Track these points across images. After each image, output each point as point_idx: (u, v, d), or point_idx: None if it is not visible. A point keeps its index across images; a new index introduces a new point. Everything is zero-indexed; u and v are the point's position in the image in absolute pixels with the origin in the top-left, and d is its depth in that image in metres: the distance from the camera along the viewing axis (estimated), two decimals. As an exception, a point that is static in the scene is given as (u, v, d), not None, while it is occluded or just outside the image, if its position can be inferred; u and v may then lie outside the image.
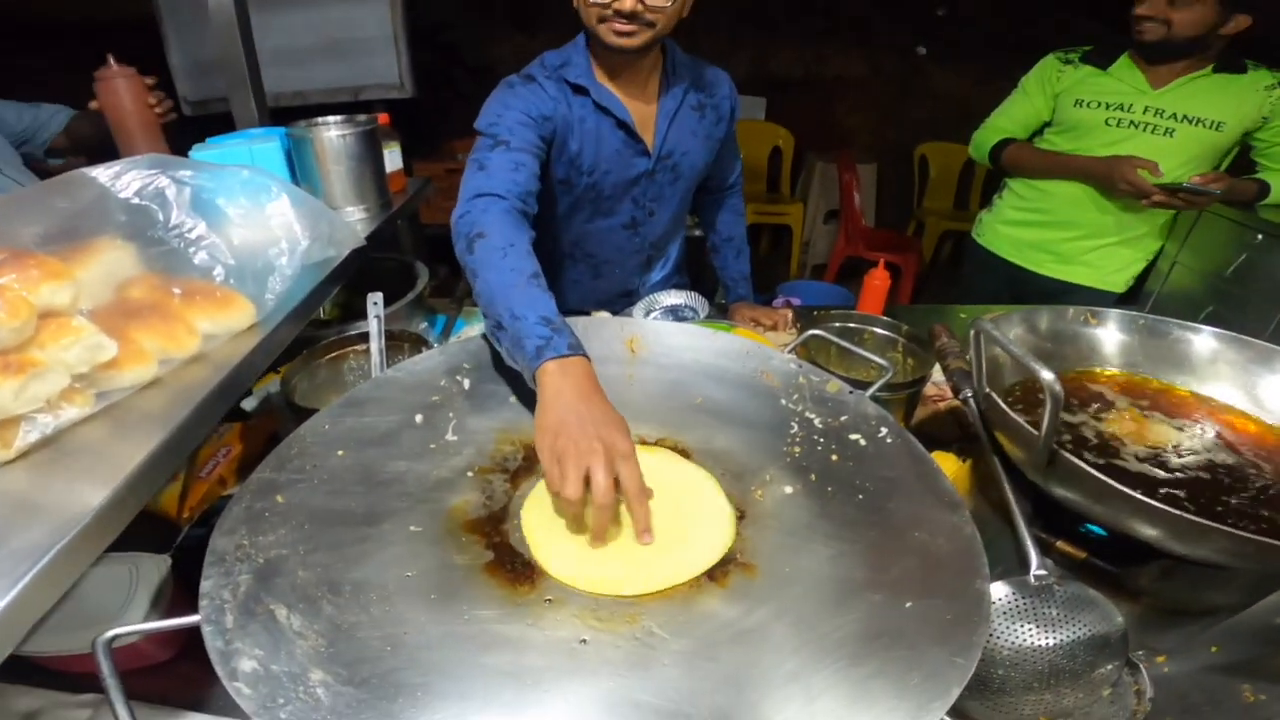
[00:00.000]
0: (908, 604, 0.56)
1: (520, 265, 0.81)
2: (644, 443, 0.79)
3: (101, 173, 0.75)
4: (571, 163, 1.16)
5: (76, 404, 0.60)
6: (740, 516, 0.68)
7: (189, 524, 0.80)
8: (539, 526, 0.66)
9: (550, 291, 0.79)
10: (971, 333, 0.80)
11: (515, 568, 0.61)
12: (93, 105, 1.19)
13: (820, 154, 3.83)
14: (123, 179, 0.75)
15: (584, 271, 1.37)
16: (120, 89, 1.14)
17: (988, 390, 0.78)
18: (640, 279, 1.42)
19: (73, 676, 0.65)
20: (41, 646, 0.61)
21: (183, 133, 1.24)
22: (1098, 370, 0.98)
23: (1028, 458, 0.72)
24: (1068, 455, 0.67)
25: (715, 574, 0.61)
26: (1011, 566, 0.71)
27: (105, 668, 0.46)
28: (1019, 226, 1.75)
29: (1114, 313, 0.99)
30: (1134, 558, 0.75)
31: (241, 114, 1.36)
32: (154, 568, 0.65)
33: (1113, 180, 1.50)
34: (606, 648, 0.53)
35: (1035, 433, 0.68)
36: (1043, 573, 0.68)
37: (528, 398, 0.79)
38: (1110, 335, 0.99)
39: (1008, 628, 0.65)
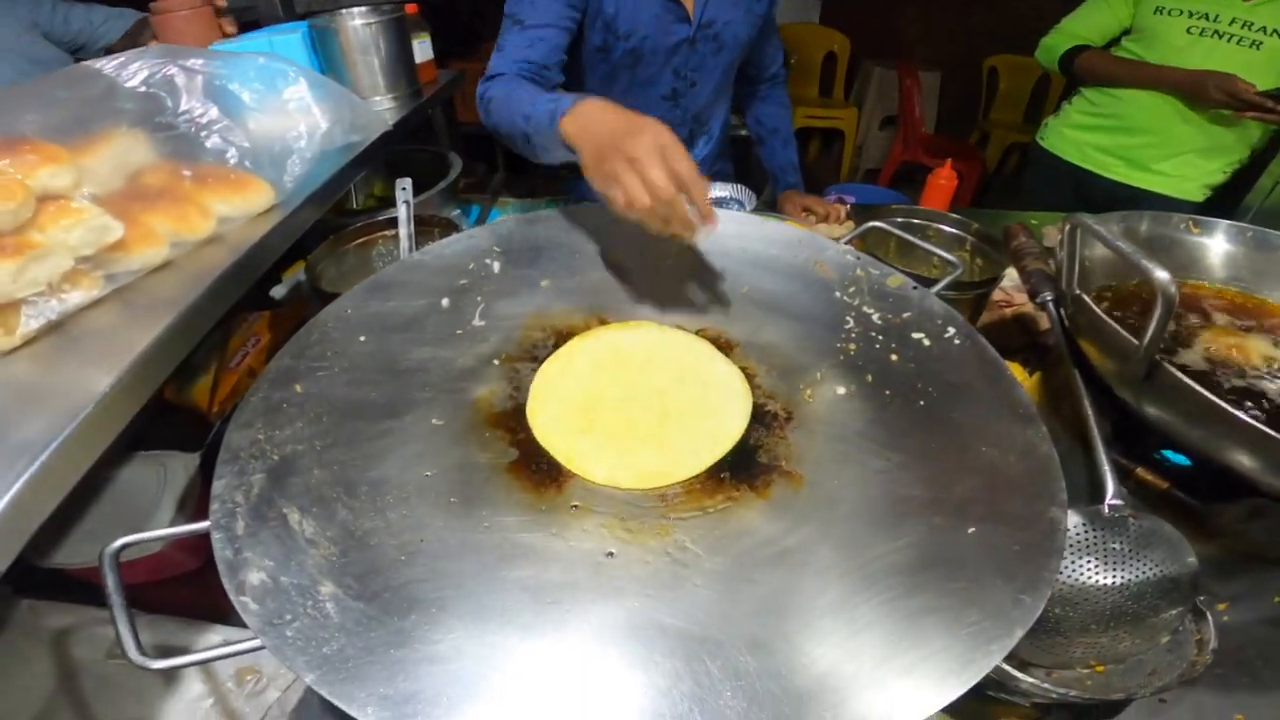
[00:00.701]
0: (970, 529, 0.49)
1: (525, 95, 0.85)
2: (681, 328, 0.72)
3: (106, 64, 0.71)
4: (608, 26, 1.07)
5: (83, 287, 0.57)
6: (787, 419, 0.61)
7: (219, 419, 0.78)
8: (552, 421, 0.60)
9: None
10: (1066, 228, 0.68)
11: (540, 468, 0.56)
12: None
13: (878, 60, 3.53)
14: (129, 69, 0.71)
15: None
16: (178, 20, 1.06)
17: (1078, 292, 0.67)
18: None
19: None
20: (70, 558, 0.60)
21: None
22: (1196, 282, 0.85)
23: (1120, 370, 0.62)
24: (1171, 368, 0.57)
25: (757, 483, 0.55)
26: (1078, 493, 0.63)
27: (110, 581, 0.42)
28: (1088, 131, 1.60)
29: (1220, 222, 0.85)
30: (1220, 493, 0.66)
31: (266, 12, 1.31)
32: (181, 468, 0.64)
33: (1205, 90, 1.34)
34: (634, 563, 0.47)
35: (1135, 341, 0.58)
36: (1118, 502, 0.60)
37: (561, 282, 0.74)
38: (1214, 245, 0.85)
39: (1071, 562, 0.59)
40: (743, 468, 0.56)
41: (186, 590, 0.65)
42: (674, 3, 1.08)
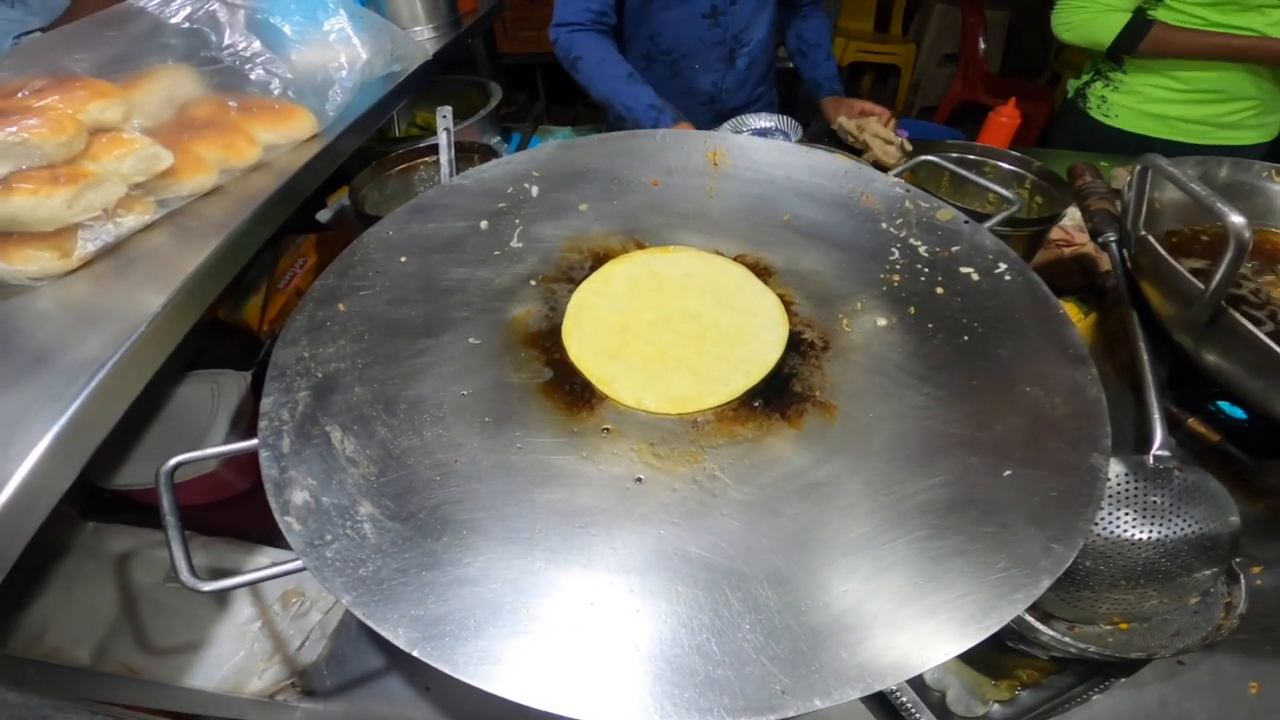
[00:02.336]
0: (1006, 472, 0.45)
1: (617, 71, 1.05)
2: (719, 253, 0.68)
3: (150, 2, 0.71)
4: None
5: (136, 211, 0.57)
6: (824, 348, 0.57)
7: (269, 337, 0.79)
8: (586, 342, 0.58)
9: (646, 84, 1.02)
10: (1137, 168, 0.61)
11: (573, 389, 0.53)
12: None
13: None
14: (172, 5, 0.71)
15: (661, 72, 1.24)
16: None
17: (1143, 233, 0.61)
18: (723, 77, 1.25)
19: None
20: (131, 479, 0.61)
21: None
22: (1274, 231, 0.76)
23: (1182, 314, 0.56)
24: (1237, 316, 0.51)
25: (789, 413, 0.52)
26: (1124, 441, 0.59)
27: (166, 501, 0.42)
28: (1162, 103, 1.32)
29: None
30: (1275, 450, 0.60)
31: None
32: (234, 386, 0.64)
33: None
34: (662, 489, 0.46)
35: (1200, 286, 0.52)
36: (1165, 453, 0.55)
37: (599, 206, 0.71)
38: None
39: (1109, 514, 0.55)
40: (776, 396, 0.53)
41: (239, 512, 0.66)
42: None
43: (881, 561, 0.41)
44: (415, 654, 0.35)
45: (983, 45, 2.86)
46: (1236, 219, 0.47)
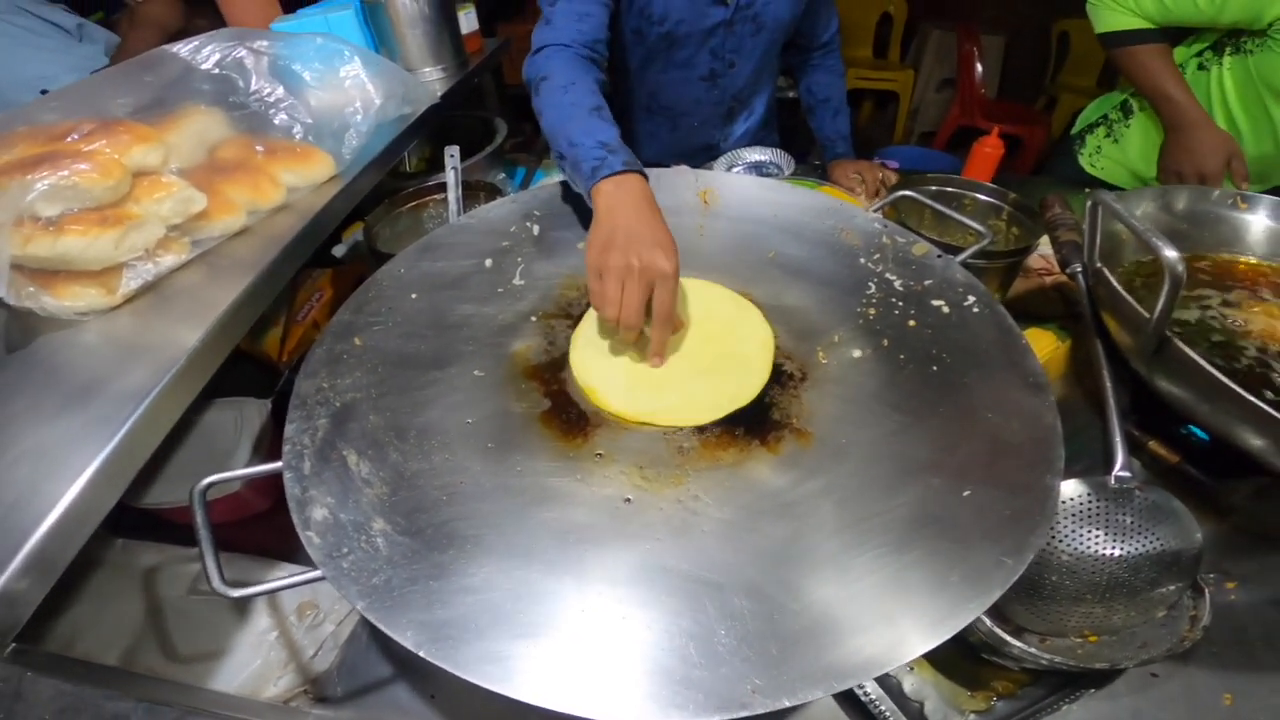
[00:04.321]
0: (966, 492, 0.50)
1: (580, 100, 0.78)
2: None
3: (182, 48, 0.77)
4: (641, 12, 1.03)
5: (173, 251, 0.62)
6: (801, 379, 0.62)
7: (288, 367, 0.84)
8: (589, 358, 0.64)
9: (614, 124, 0.76)
10: (1088, 204, 0.66)
11: (570, 418, 0.59)
12: None
13: (937, 22, 3.26)
14: (203, 52, 0.77)
15: (661, 124, 1.26)
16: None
17: (1099, 265, 0.65)
18: (721, 132, 1.28)
19: (187, 528, 0.73)
20: (160, 499, 0.65)
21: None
22: (1238, 258, 0.80)
23: (1134, 343, 0.60)
24: (1179, 344, 0.55)
25: (768, 439, 0.56)
26: (1094, 463, 0.62)
27: (199, 517, 0.47)
28: (1152, 164, 1.24)
29: (1266, 198, 0.79)
30: (1234, 470, 0.64)
31: None
32: (255, 412, 0.69)
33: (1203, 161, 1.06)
34: (649, 509, 0.50)
35: (1146, 315, 0.56)
36: (1126, 474, 0.59)
37: None
38: (1259, 221, 0.80)
39: (1073, 531, 0.58)
40: (756, 423, 0.58)
41: (259, 531, 0.70)
42: None
43: (848, 574, 0.45)
44: (422, 654, 0.39)
45: (979, 70, 2.92)
46: (1170, 253, 0.52)
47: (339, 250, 1.07)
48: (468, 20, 1.27)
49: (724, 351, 0.64)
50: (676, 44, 1.09)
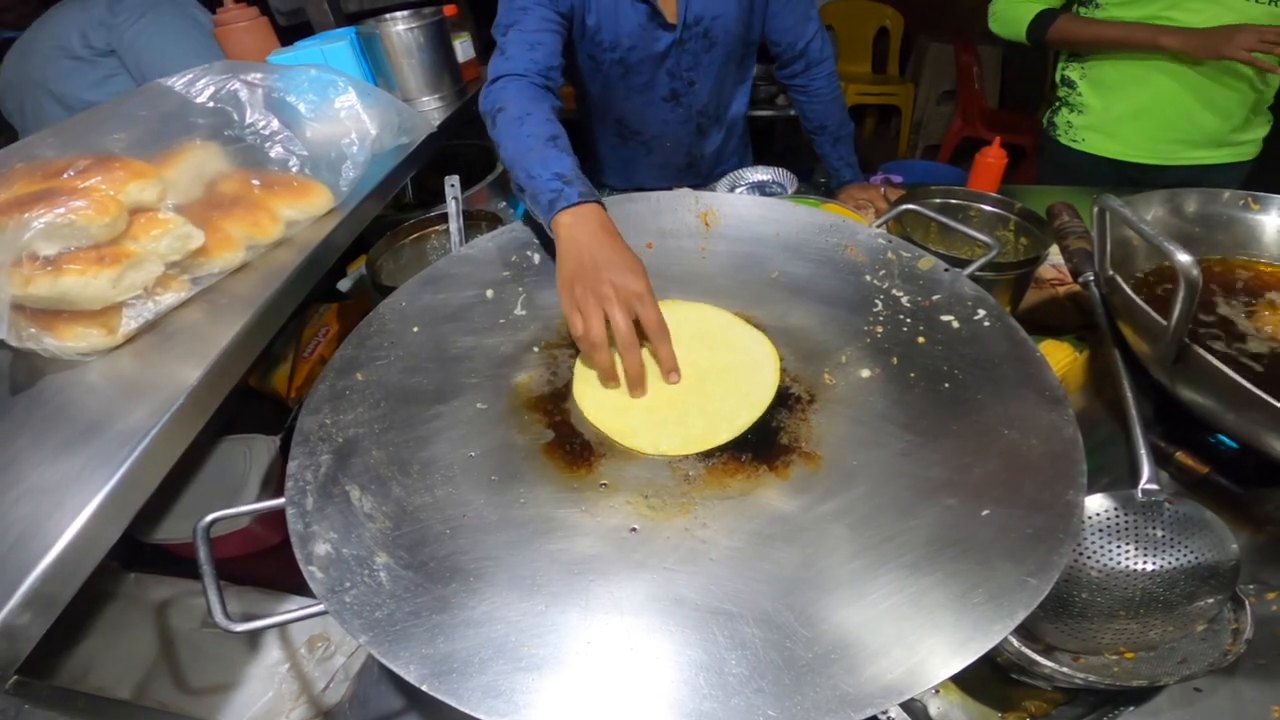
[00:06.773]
0: (984, 511, 0.49)
1: (536, 130, 0.80)
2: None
3: (176, 81, 0.77)
4: (592, 40, 1.07)
5: (172, 289, 0.63)
6: (809, 401, 0.62)
7: (297, 403, 0.85)
8: (592, 388, 0.64)
9: (570, 154, 0.77)
10: (1095, 210, 0.66)
11: (573, 449, 0.59)
12: None
13: (934, 35, 3.31)
14: (197, 85, 0.78)
15: (636, 149, 1.29)
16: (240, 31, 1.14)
17: (1111, 273, 0.65)
18: (698, 147, 1.30)
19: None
20: (171, 534, 0.66)
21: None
22: (1256, 261, 0.80)
23: (1153, 351, 0.60)
24: (1199, 351, 0.55)
25: (776, 464, 0.56)
26: (1122, 476, 0.61)
27: (203, 553, 0.47)
28: (1119, 121, 1.37)
29: (1278, 199, 0.79)
30: (1268, 478, 0.63)
31: (317, 18, 1.35)
32: (265, 449, 0.70)
33: (1224, 47, 1.11)
34: (656, 539, 0.50)
35: (1164, 322, 0.56)
36: (1153, 487, 0.58)
37: None
38: (1272, 222, 0.79)
39: (1102, 547, 0.57)
40: (763, 448, 0.58)
41: (270, 564, 0.71)
42: (653, 10, 1.04)
43: (863, 600, 0.44)
44: (424, 688, 0.39)
45: (978, 80, 2.95)
46: (1183, 257, 0.51)
47: (344, 285, 1.09)
48: (464, 49, 1.30)
49: (728, 377, 0.64)
50: (632, 70, 1.12)
